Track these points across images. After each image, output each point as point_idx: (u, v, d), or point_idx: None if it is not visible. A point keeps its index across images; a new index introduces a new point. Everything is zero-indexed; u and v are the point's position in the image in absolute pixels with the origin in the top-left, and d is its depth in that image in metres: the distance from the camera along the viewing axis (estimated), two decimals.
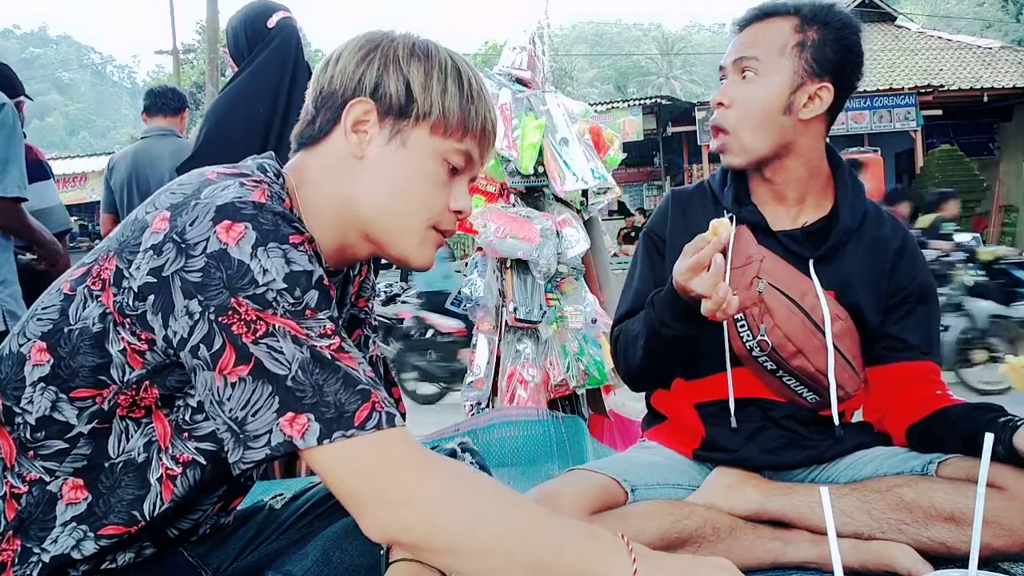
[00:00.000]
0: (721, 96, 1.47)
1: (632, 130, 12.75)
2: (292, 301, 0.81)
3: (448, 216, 1.00)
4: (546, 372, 3.02)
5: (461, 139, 0.97)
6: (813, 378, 1.44)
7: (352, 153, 0.96)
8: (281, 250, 0.82)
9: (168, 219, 0.83)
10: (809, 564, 1.39)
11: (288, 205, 0.90)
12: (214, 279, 0.80)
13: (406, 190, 0.96)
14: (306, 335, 0.81)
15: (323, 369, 0.81)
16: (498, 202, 3.09)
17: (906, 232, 1.56)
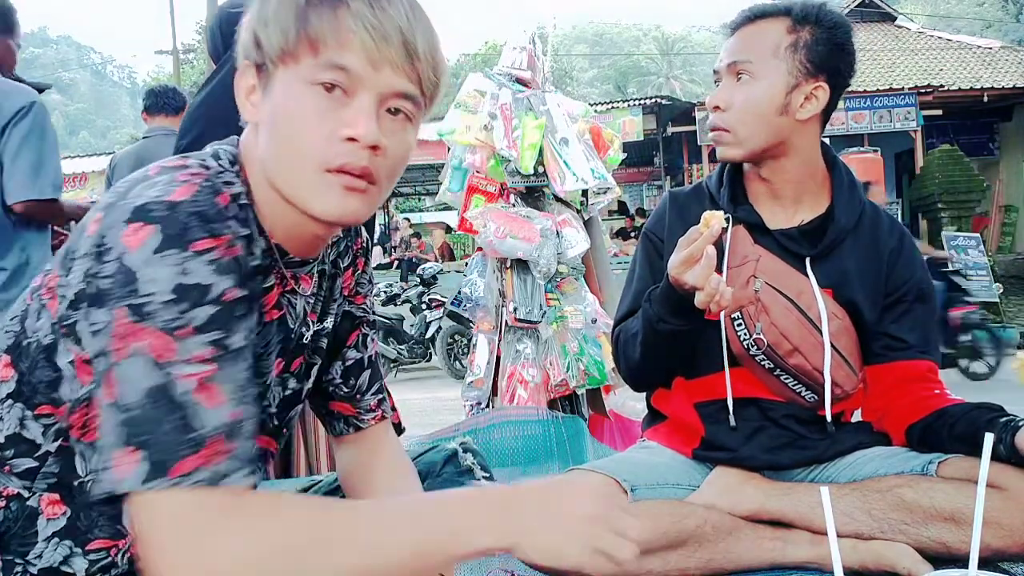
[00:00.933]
0: (717, 100, 1.48)
1: (632, 130, 12.75)
2: (171, 316, 0.74)
3: (340, 147, 0.83)
4: (546, 372, 3.02)
5: (316, 52, 0.82)
6: (810, 376, 1.44)
7: (251, 119, 0.89)
8: (179, 258, 0.75)
9: (99, 220, 0.78)
10: (809, 564, 1.39)
11: (225, 199, 0.82)
12: (117, 286, 0.74)
13: (284, 134, 0.85)
14: (171, 358, 0.73)
15: (164, 405, 0.73)
16: (498, 202, 3.09)
17: (903, 231, 1.56)
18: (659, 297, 1.40)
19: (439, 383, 7.60)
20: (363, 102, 0.84)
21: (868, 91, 12.48)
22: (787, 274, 1.47)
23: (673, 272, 1.31)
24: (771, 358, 1.45)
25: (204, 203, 0.79)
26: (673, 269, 1.31)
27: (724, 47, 1.51)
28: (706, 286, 1.27)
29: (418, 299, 8.79)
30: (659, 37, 46.96)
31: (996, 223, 13.59)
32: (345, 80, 0.83)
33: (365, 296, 1.13)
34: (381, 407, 1.14)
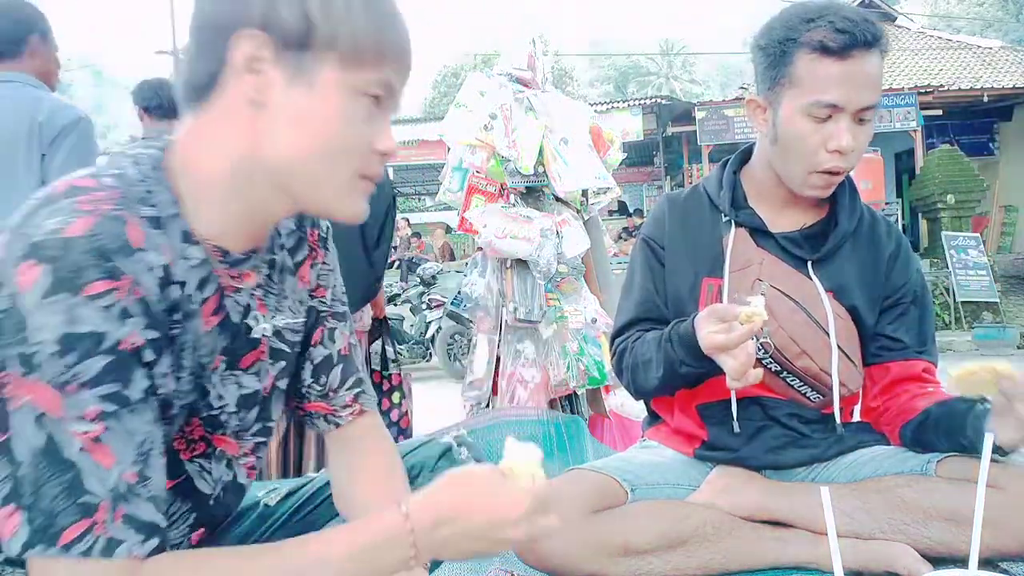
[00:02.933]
0: (852, 143, 1.36)
1: (632, 130, 12.74)
2: (58, 369, 0.69)
3: (374, 158, 0.85)
4: (546, 372, 3.02)
5: (378, 67, 0.82)
6: (817, 377, 1.44)
7: (249, 99, 0.80)
8: (68, 304, 0.69)
9: (4, 245, 0.73)
10: (809, 564, 1.39)
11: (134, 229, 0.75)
12: (8, 329, 0.70)
13: (324, 138, 0.81)
14: (59, 415, 0.69)
15: (51, 465, 0.69)
16: (498, 202, 3.09)
17: (900, 235, 1.57)
18: (682, 343, 1.38)
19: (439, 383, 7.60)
20: (387, 118, 0.87)
21: None
22: (791, 277, 1.47)
23: (706, 351, 1.30)
24: (778, 361, 1.45)
25: (105, 237, 0.72)
26: (707, 348, 1.29)
27: (844, 76, 1.34)
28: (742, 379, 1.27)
29: (418, 299, 8.79)
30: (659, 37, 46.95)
31: (996, 223, 13.59)
32: (385, 95, 0.84)
33: (328, 288, 1.07)
34: (358, 401, 1.10)
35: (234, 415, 0.95)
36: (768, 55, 1.42)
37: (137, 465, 0.73)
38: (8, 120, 2.30)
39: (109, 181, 0.79)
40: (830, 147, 1.36)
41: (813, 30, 1.35)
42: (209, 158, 0.83)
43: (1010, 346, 8.57)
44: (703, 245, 1.53)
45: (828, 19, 1.34)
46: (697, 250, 1.53)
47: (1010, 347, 8.55)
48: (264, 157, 0.82)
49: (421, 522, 0.79)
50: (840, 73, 1.34)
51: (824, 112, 1.36)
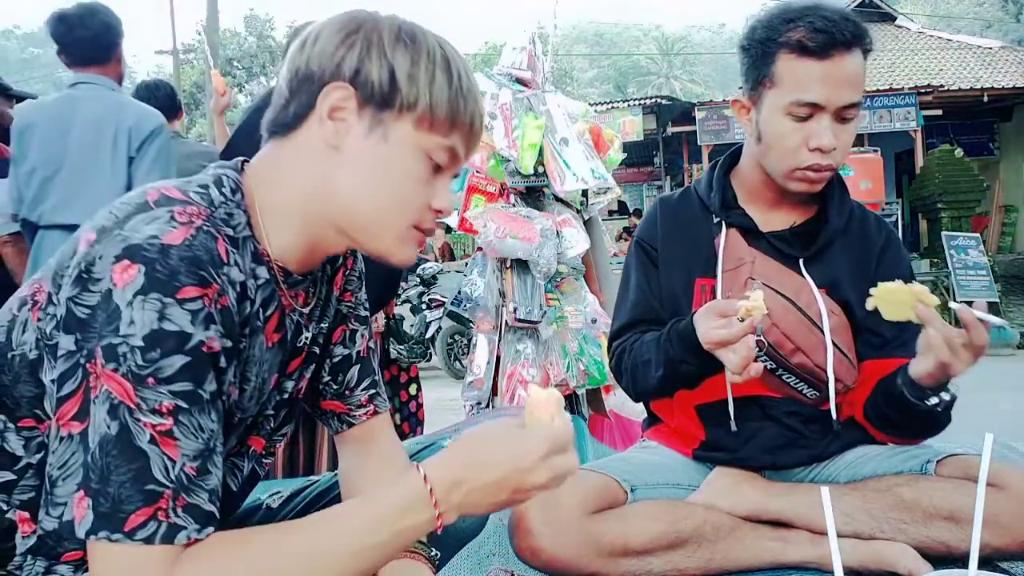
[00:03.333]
0: (831, 143, 1.38)
1: (632, 130, 12.74)
2: (141, 362, 0.73)
3: (429, 214, 0.93)
4: (546, 372, 3.02)
5: (447, 135, 0.90)
6: (813, 374, 1.45)
7: (328, 142, 0.88)
8: (160, 303, 0.74)
9: (91, 243, 0.78)
10: (809, 564, 1.39)
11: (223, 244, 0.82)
12: (96, 320, 0.74)
13: (388, 187, 0.89)
14: (134, 405, 0.73)
15: (121, 453, 0.73)
16: (498, 202, 3.09)
17: (890, 229, 1.59)
18: (681, 342, 1.39)
19: (439, 383, 7.60)
20: (447, 179, 0.94)
21: (868, 91, 12.41)
22: (783, 275, 1.47)
23: (706, 346, 1.30)
24: (773, 358, 1.45)
25: (199, 248, 0.78)
26: (707, 342, 1.30)
27: (824, 75, 1.36)
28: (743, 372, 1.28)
29: (418, 299, 8.79)
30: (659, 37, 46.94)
31: (996, 223, 13.59)
32: (448, 161, 0.92)
33: (354, 292, 1.12)
34: (373, 402, 1.12)
35: (272, 417, 1.00)
36: (750, 56, 1.44)
37: (199, 460, 0.76)
38: (95, 122, 2.40)
39: (195, 195, 0.85)
40: (811, 145, 1.38)
41: (793, 30, 1.37)
42: (284, 188, 0.90)
43: (1010, 346, 8.57)
44: (696, 246, 1.54)
45: (808, 19, 1.36)
46: (690, 251, 1.54)
47: (1010, 347, 8.55)
48: (332, 196, 0.89)
49: (441, 482, 0.81)
50: (820, 73, 1.35)
51: (805, 111, 1.37)
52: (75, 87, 2.48)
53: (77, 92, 2.46)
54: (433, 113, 0.88)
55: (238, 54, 27.93)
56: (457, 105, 0.90)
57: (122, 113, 2.43)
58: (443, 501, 0.81)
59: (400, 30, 0.89)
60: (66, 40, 2.46)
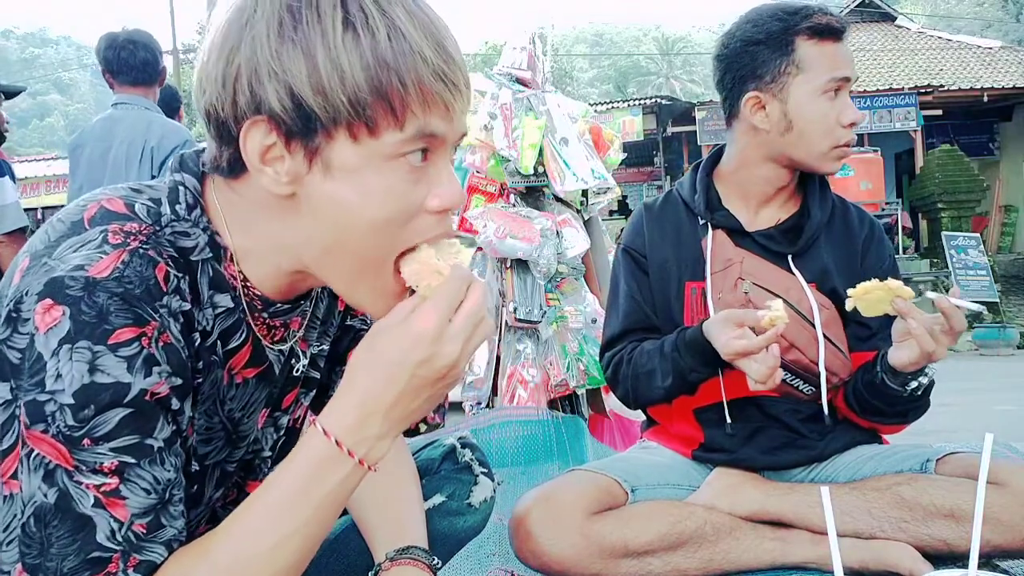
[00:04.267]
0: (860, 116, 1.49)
1: (632, 130, 12.75)
2: (72, 423, 0.64)
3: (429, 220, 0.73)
4: (546, 372, 3.02)
5: (400, 124, 0.68)
6: (807, 369, 1.45)
7: (277, 192, 0.71)
8: (90, 353, 0.64)
9: (23, 272, 0.67)
10: (809, 564, 1.39)
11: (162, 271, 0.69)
12: (24, 371, 0.65)
13: (357, 228, 0.70)
14: (72, 467, 0.64)
15: (62, 522, 0.64)
16: (498, 202, 3.09)
17: (872, 220, 1.61)
18: (691, 351, 1.41)
19: None
20: (443, 164, 0.73)
21: (868, 91, 12.47)
22: (773, 272, 1.48)
23: (727, 356, 1.31)
24: None
25: (131, 279, 0.67)
26: (727, 353, 1.31)
27: (844, 53, 1.49)
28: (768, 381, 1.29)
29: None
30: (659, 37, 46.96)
31: (996, 223, 13.58)
32: (430, 144, 0.71)
33: None
34: None
35: (268, 459, 0.93)
36: (766, 48, 1.48)
37: (150, 515, 0.68)
38: (129, 141, 2.59)
39: (141, 210, 0.73)
40: (845, 121, 1.46)
41: (807, 19, 1.46)
42: (251, 232, 0.76)
43: (1010, 346, 8.57)
44: (683, 250, 1.55)
45: (812, 11, 1.48)
46: (678, 255, 1.55)
47: (1010, 347, 8.56)
48: (304, 248, 0.74)
49: (345, 428, 0.70)
50: (842, 52, 1.47)
51: (836, 86, 1.46)
52: (115, 107, 2.68)
53: (116, 112, 2.66)
54: (362, 114, 0.67)
55: None
56: (382, 74, 0.66)
57: (150, 131, 2.60)
58: (358, 443, 0.70)
59: (281, 23, 0.66)
60: (115, 63, 2.66)
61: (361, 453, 0.71)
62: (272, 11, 0.67)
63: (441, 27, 0.70)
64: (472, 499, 1.14)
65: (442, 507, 1.12)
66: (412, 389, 0.70)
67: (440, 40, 0.69)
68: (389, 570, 0.96)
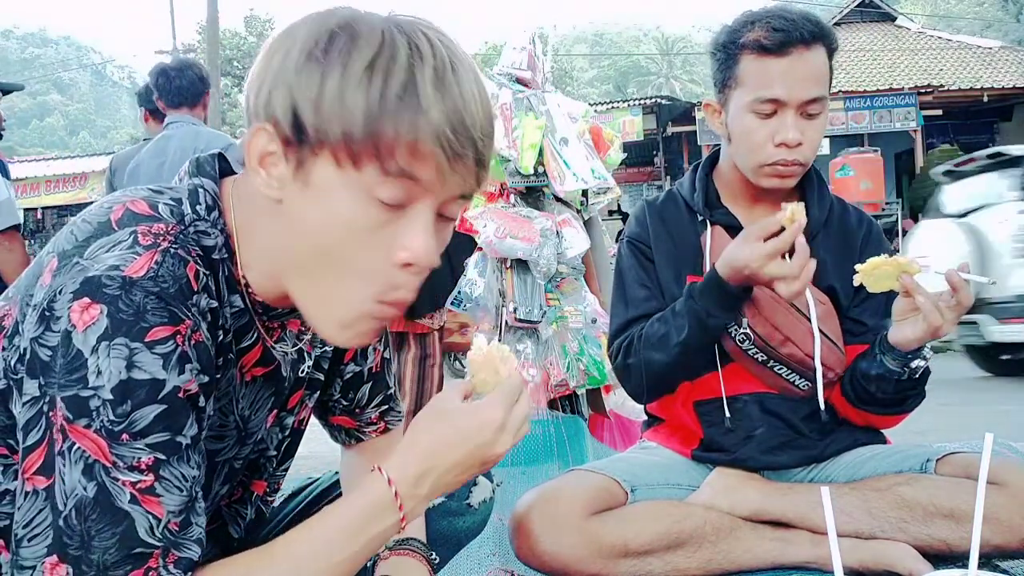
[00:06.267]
0: (796, 138, 1.42)
1: (632, 130, 12.75)
2: (113, 417, 0.66)
3: (396, 276, 0.74)
4: (546, 372, 3.02)
5: (381, 163, 0.69)
6: (803, 363, 1.46)
7: (267, 194, 0.74)
8: (127, 349, 0.66)
9: (53, 272, 0.70)
10: (809, 564, 1.39)
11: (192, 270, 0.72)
12: (57, 364, 0.66)
13: (327, 249, 0.72)
14: (111, 463, 0.66)
15: (101, 516, 0.66)
16: (498, 202, 3.09)
17: (871, 220, 1.61)
18: (706, 293, 1.40)
19: None
20: (422, 216, 0.73)
21: (868, 91, 12.48)
22: None
23: (755, 264, 1.30)
24: (764, 350, 1.46)
25: (166, 279, 0.69)
26: (755, 262, 1.30)
27: (783, 71, 1.40)
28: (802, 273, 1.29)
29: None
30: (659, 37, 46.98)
31: None
32: (406, 194, 0.71)
33: None
34: (384, 419, 1.09)
35: (274, 458, 0.96)
36: (717, 60, 1.50)
37: (183, 513, 0.70)
38: (181, 152, 2.81)
39: (165, 210, 0.76)
40: (776, 141, 1.42)
41: (752, 31, 1.43)
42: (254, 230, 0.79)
43: None
44: (683, 245, 1.56)
45: (766, 20, 1.42)
46: (678, 250, 1.57)
47: None
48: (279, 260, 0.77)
49: (405, 481, 0.76)
50: (780, 69, 1.40)
51: (768, 108, 1.42)
52: (168, 127, 2.97)
53: (169, 131, 2.95)
54: (349, 140, 0.69)
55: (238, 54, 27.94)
56: (381, 122, 0.68)
57: (197, 140, 2.86)
58: (409, 498, 0.76)
59: (317, 42, 0.70)
60: (166, 88, 2.99)
61: (408, 507, 0.76)
62: (317, 32, 0.71)
63: (470, 98, 0.71)
64: (471, 499, 1.14)
65: (441, 507, 1.12)
66: (465, 463, 0.77)
67: (458, 107, 0.70)
68: (387, 559, 0.97)
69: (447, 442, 0.76)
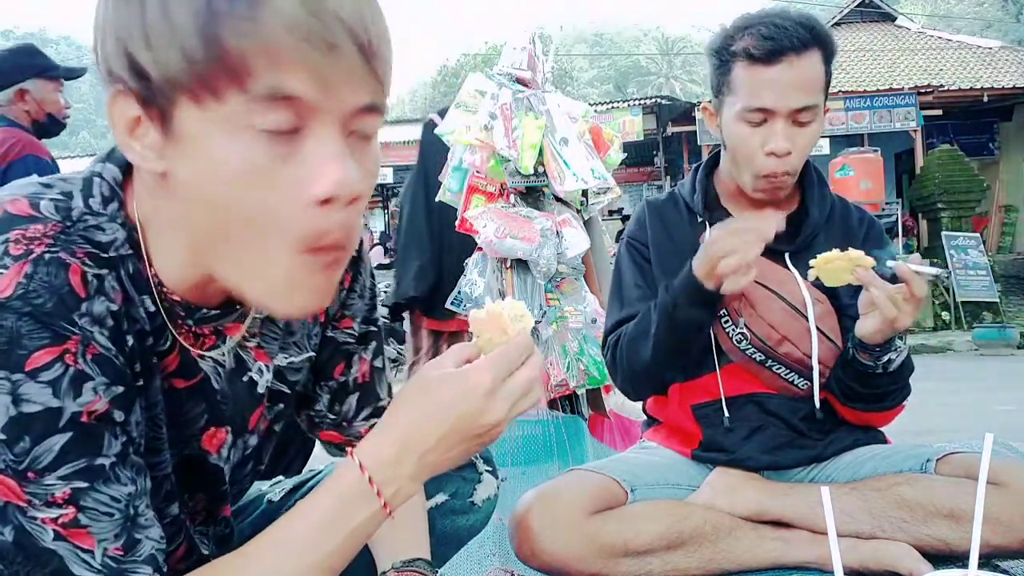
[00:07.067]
0: (786, 147, 1.42)
1: (632, 130, 12.75)
2: (13, 457, 0.59)
3: (315, 216, 0.62)
4: (546, 372, 3.02)
5: (242, 84, 0.58)
6: (800, 362, 1.46)
7: (148, 168, 0.64)
8: (9, 383, 0.59)
9: None
10: (809, 564, 1.39)
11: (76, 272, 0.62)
12: None
13: (226, 208, 0.61)
14: (25, 502, 0.60)
15: (27, 559, 0.61)
16: (498, 202, 3.09)
17: (872, 218, 1.61)
18: (676, 286, 1.41)
19: None
20: (325, 140, 0.61)
21: (868, 91, 12.48)
22: (767, 267, 1.48)
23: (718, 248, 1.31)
24: (761, 350, 1.46)
25: (39, 294, 0.60)
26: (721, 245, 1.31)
27: (772, 81, 1.39)
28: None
29: None
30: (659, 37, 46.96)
31: (996, 223, 13.59)
32: (293, 114, 0.60)
33: (355, 317, 0.93)
34: None
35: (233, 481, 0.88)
36: (712, 64, 1.50)
37: (122, 536, 0.64)
38: None
39: (48, 207, 0.65)
40: (765, 150, 1.42)
41: (744, 38, 1.42)
42: (157, 226, 0.69)
43: (1010, 346, 8.57)
44: (683, 246, 1.56)
45: (758, 27, 1.41)
46: (678, 251, 1.56)
47: (1010, 347, 8.55)
48: (193, 244, 0.67)
49: (380, 464, 0.69)
50: (769, 78, 1.40)
51: (757, 116, 1.42)
52: None
53: None
54: (192, 69, 0.58)
55: None
56: (217, 31, 0.57)
57: None
58: (388, 483, 0.69)
59: None
60: None
61: (389, 492, 0.69)
62: None
63: None
64: (475, 497, 1.13)
65: (444, 506, 1.11)
66: (452, 437, 0.69)
67: None
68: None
69: (428, 414, 0.69)
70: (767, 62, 1.39)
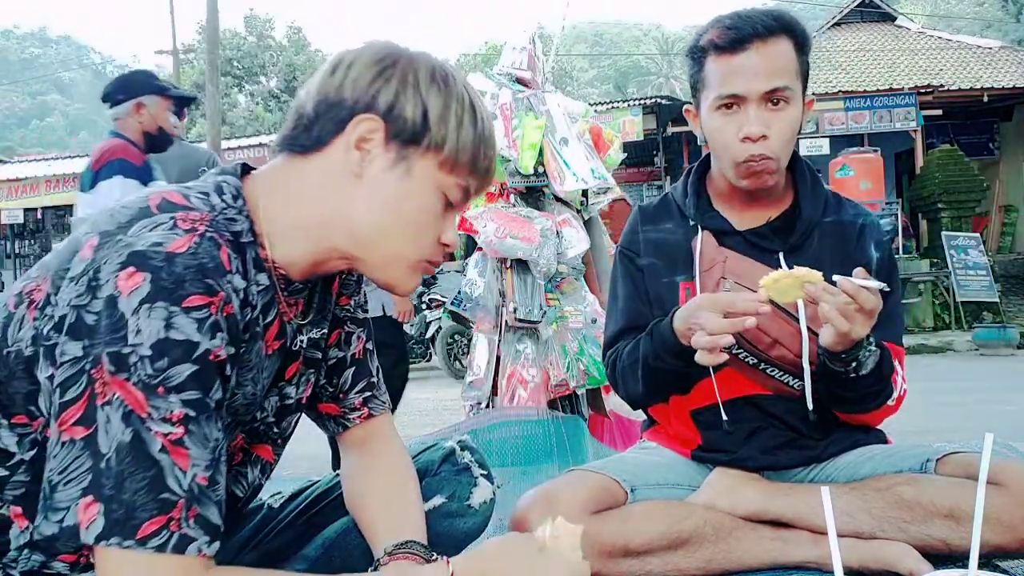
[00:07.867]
0: (761, 129, 1.42)
1: (632, 130, 12.74)
2: (150, 372, 0.74)
3: (438, 249, 0.97)
4: (546, 372, 3.02)
5: (466, 176, 0.94)
6: (794, 364, 1.45)
7: (351, 170, 0.90)
8: (166, 311, 0.74)
9: (94, 248, 0.79)
10: (809, 564, 1.39)
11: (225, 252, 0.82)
12: (102, 327, 0.74)
13: (405, 220, 0.92)
14: (145, 414, 0.74)
15: (135, 461, 0.73)
16: (498, 202, 3.09)
17: (867, 213, 1.60)
18: (657, 334, 1.44)
19: (439, 383, 7.61)
20: (454, 216, 0.98)
21: (868, 91, 12.47)
22: (755, 270, 1.48)
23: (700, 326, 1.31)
24: (753, 353, 1.46)
25: (204, 255, 0.78)
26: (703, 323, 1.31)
27: (740, 67, 1.42)
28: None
29: (418, 299, 8.79)
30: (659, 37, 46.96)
31: (996, 223, 13.59)
32: (460, 201, 0.96)
33: (351, 296, 1.12)
34: (367, 405, 1.13)
35: (273, 424, 1.01)
36: (688, 68, 1.53)
37: (209, 469, 0.77)
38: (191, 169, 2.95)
39: (198, 202, 0.86)
40: (740, 135, 1.43)
41: (710, 32, 1.46)
42: (295, 205, 0.92)
43: (1010, 346, 8.57)
44: (675, 250, 1.57)
45: (723, 21, 1.45)
46: (671, 256, 1.57)
47: (1010, 347, 8.56)
48: (345, 223, 0.91)
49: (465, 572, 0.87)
50: (737, 64, 1.43)
51: (730, 104, 1.44)
52: None
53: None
54: (458, 156, 0.92)
55: (238, 54, 27.91)
56: (479, 151, 0.94)
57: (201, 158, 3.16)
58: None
59: (435, 71, 0.92)
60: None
61: None
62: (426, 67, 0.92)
63: None
64: (472, 500, 1.14)
65: (442, 508, 1.12)
66: None
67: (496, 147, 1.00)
68: (387, 564, 0.96)
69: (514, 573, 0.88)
70: (733, 50, 1.42)
